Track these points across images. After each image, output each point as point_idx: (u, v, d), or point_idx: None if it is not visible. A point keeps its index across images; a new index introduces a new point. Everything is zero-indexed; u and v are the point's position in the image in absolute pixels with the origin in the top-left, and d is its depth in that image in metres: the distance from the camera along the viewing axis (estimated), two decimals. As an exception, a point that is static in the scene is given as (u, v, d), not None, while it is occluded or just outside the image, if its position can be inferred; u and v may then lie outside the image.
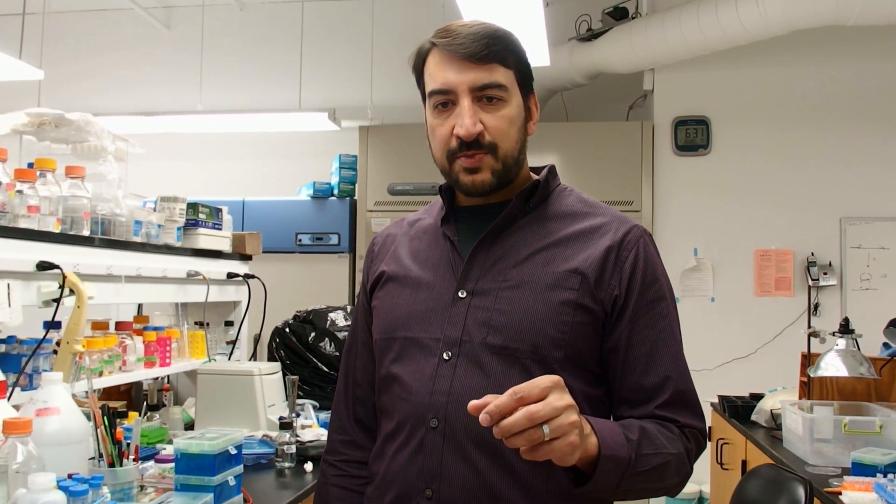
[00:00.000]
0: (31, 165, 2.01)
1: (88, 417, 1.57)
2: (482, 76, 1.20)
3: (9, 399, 1.61)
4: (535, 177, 1.31)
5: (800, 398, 2.91)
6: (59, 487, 1.27)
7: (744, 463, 2.94)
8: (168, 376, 2.76)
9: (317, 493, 1.41)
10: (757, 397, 3.20)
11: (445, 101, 1.22)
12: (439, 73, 1.22)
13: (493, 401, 0.95)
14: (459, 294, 1.23)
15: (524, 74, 1.26)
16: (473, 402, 0.97)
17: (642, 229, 1.26)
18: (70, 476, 1.38)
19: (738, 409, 3.17)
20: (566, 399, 0.98)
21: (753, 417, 3.06)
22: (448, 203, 1.32)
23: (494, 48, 1.20)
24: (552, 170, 1.33)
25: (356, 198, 5.06)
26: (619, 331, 1.20)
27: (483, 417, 0.95)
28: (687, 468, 1.18)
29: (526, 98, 1.27)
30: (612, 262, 1.21)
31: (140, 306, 3.15)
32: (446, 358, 1.20)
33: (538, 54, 3.66)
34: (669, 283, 1.26)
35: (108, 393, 2.70)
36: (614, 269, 1.20)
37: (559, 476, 1.12)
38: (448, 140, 1.23)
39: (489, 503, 1.15)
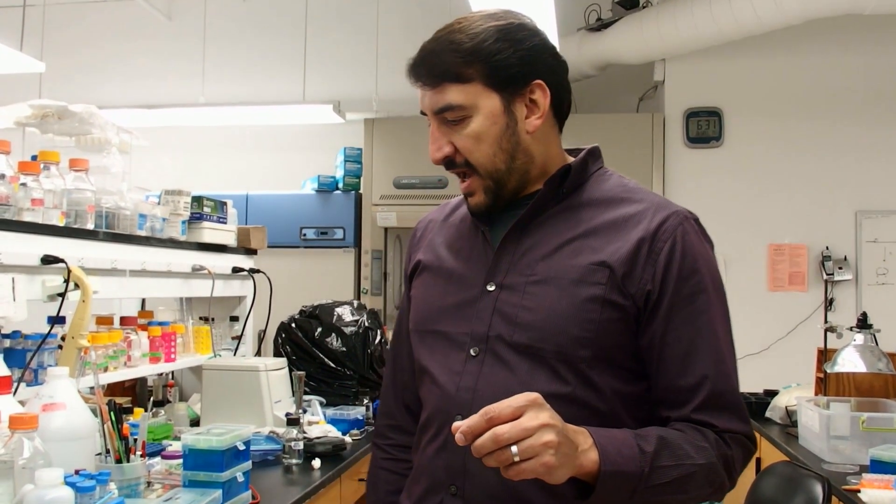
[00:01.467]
0: (34, 158, 1.98)
1: (94, 413, 1.55)
2: (435, 100, 1.17)
3: (14, 394, 1.58)
4: (570, 160, 1.24)
5: (816, 394, 2.88)
6: (67, 483, 1.26)
7: (758, 460, 2.90)
8: (172, 372, 2.74)
9: (368, 473, 1.42)
10: (771, 394, 3.17)
11: (429, 121, 1.21)
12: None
13: (467, 420, 0.95)
14: (488, 287, 1.19)
15: (501, 75, 1.16)
16: (456, 423, 0.97)
17: (683, 216, 1.17)
18: (77, 472, 1.37)
19: (752, 406, 3.13)
20: (541, 418, 0.96)
21: (768, 414, 3.03)
22: None
23: (441, 67, 1.16)
24: (593, 152, 1.26)
25: (361, 191, 5.03)
26: (652, 328, 1.14)
27: (458, 437, 0.95)
28: (721, 477, 1.11)
29: (513, 98, 1.17)
30: (645, 255, 1.13)
31: (143, 301, 3.12)
32: (473, 354, 1.18)
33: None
34: (715, 273, 1.18)
35: (113, 389, 2.67)
36: (647, 263, 1.13)
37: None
38: None
39: (511, 502, 1.13)
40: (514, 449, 0.93)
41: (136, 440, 1.58)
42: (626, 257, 1.13)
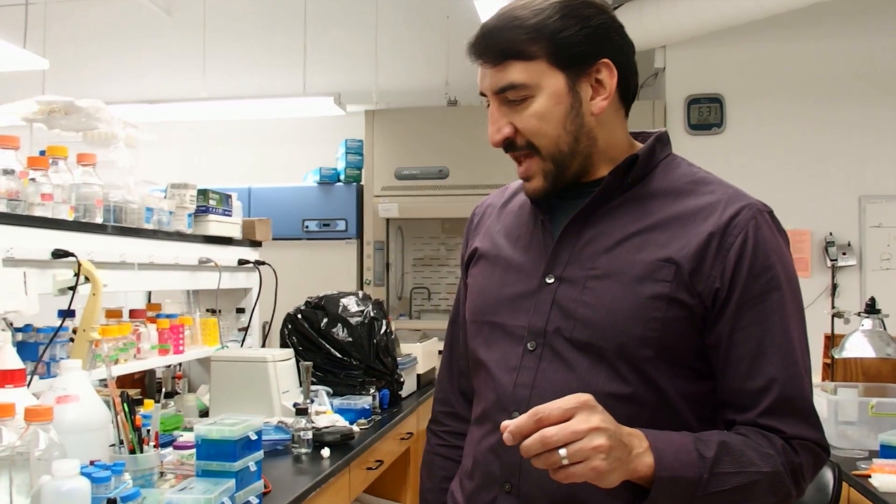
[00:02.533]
0: (42, 153, 1.99)
1: (107, 405, 1.56)
2: (497, 79, 1.11)
3: (28, 387, 1.60)
4: (638, 146, 1.18)
5: (823, 380, 2.88)
6: (83, 474, 1.27)
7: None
8: (180, 364, 2.75)
9: (423, 459, 1.41)
10: (776, 379, 3.16)
11: (489, 102, 1.16)
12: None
13: (515, 420, 0.93)
14: (547, 280, 1.14)
15: (565, 54, 1.10)
16: (504, 423, 0.94)
17: (757, 208, 1.10)
18: (92, 463, 1.38)
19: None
20: (592, 422, 0.93)
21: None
22: None
23: (501, 46, 1.10)
24: (661, 138, 1.19)
25: (363, 183, 5.03)
26: (719, 327, 1.08)
27: (505, 437, 0.93)
28: (787, 486, 1.05)
29: (577, 77, 1.11)
30: (714, 251, 1.07)
31: (150, 294, 3.13)
32: (531, 348, 1.14)
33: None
34: (790, 270, 1.11)
35: (122, 381, 2.68)
36: (716, 259, 1.07)
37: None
38: None
39: (567, 501, 1.09)
40: (562, 452, 0.91)
41: (148, 431, 1.60)
42: (693, 253, 1.07)
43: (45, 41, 4.73)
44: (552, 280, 1.14)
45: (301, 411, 2.25)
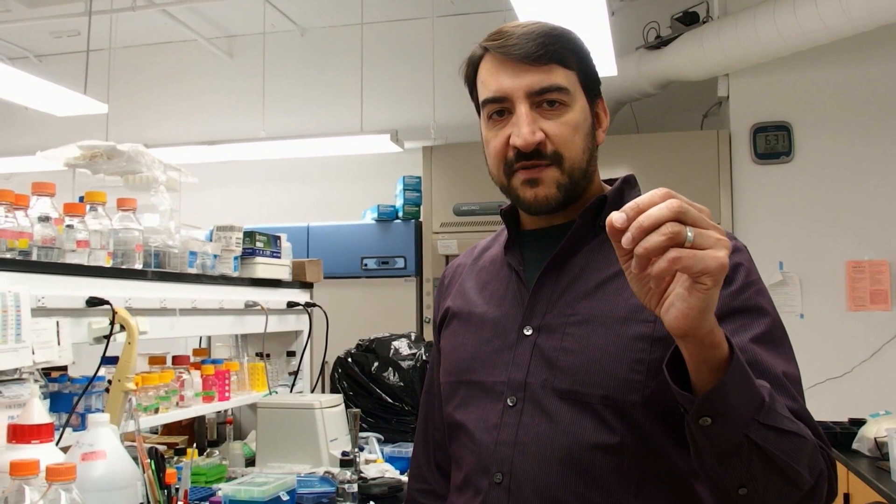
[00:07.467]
0: (82, 199, 1.97)
1: (137, 461, 1.50)
2: (540, 79, 1.07)
3: (58, 442, 1.55)
4: (608, 188, 1.16)
5: (910, 427, 2.66)
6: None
7: (846, 497, 2.69)
8: (230, 409, 2.70)
9: None
10: (857, 423, 2.94)
11: (500, 109, 1.10)
12: (492, 80, 1.10)
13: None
14: (524, 331, 1.09)
15: (588, 76, 1.12)
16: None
17: (735, 245, 1.05)
18: (114, 527, 1.31)
19: (837, 436, 2.91)
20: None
21: (855, 446, 2.81)
22: (512, 228, 1.19)
23: (552, 47, 1.08)
24: (628, 180, 1.17)
25: (421, 220, 4.98)
26: None
27: (617, 217, 0.78)
28: (819, 467, 0.92)
29: (592, 103, 1.13)
30: None
31: (209, 339, 3.10)
32: (511, 404, 1.07)
33: (605, 65, 3.52)
34: (771, 301, 1.06)
35: (170, 428, 2.64)
36: None
37: None
38: (504, 151, 1.10)
39: None
40: (689, 233, 0.76)
41: (177, 490, 1.53)
42: None
43: (108, 87, 4.85)
44: (530, 331, 1.09)
45: (346, 462, 2.16)
